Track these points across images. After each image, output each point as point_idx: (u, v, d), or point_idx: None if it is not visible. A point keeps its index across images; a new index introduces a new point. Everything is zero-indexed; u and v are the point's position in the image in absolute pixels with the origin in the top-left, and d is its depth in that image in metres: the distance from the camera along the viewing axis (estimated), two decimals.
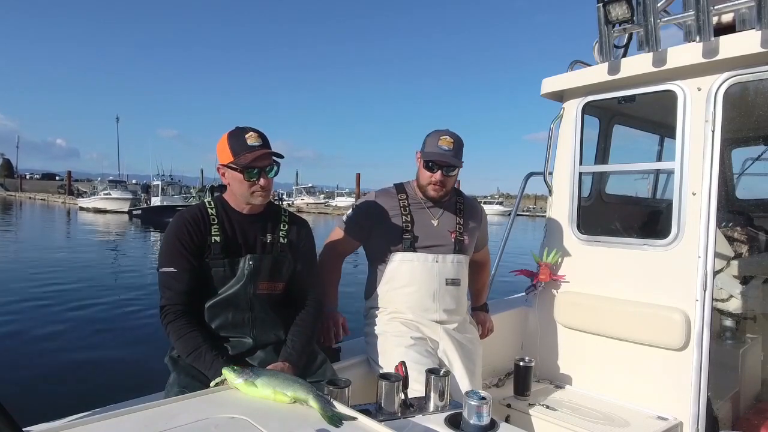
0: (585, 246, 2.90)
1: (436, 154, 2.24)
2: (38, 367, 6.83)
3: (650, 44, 2.44)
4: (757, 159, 3.96)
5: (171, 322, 1.80)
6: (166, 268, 1.84)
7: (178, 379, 1.78)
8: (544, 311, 3.05)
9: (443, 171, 2.26)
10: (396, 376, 1.70)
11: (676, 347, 2.46)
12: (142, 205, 43.61)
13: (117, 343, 8.10)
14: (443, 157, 2.23)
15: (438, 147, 2.24)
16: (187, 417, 1.30)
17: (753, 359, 3.34)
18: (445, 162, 2.25)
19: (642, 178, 3.68)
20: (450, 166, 2.26)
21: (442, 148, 2.23)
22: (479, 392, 1.59)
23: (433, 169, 2.27)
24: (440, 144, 2.24)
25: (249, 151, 1.83)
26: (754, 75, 2.28)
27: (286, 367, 1.82)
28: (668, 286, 2.52)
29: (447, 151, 2.23)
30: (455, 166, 2.27)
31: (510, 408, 2.68)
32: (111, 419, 1.27)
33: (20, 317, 9.37)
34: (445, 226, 2.37)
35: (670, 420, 2.47)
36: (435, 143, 2.25)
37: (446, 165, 2.25)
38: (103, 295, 11.41)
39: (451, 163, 2.25)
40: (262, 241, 1.96)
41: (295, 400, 1.41)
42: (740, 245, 3.29)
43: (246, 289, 1.89)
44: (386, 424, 1.34)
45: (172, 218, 1.96)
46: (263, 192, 1.90)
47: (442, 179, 2.27)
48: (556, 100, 3.10)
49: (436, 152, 2.24)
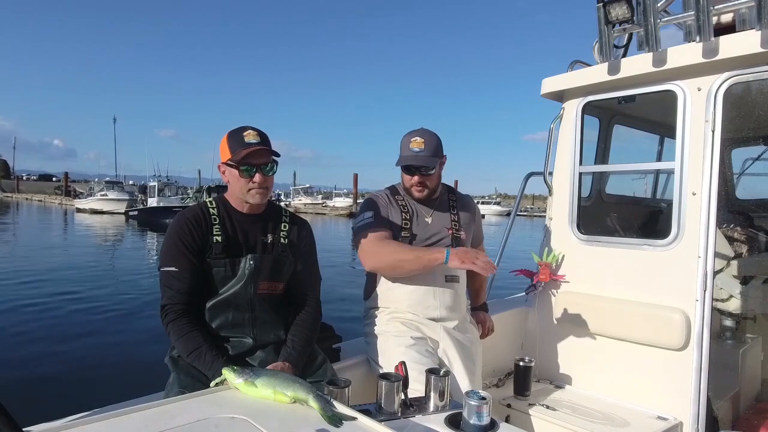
0: (585, 246, 2.90)
1: (409, 157, 2.26)
2: (38, 367, 6.81)
3: (650, 44, 2.44)
4: (757, 159, 3.96)
5: (172, 321, 1.80)
6: (168, 267, 1.84)
7: (178, 379, 1.77)
8: (544, 311, 3.04)
9: (420, 172, 2.28)
10: (396, 376, 1.69)
11: (676, 347, 2.46)
12: (138, 205, 43.46)
13: (117, 343, 8.08)
14: (416, 160, 2.25)
15: (410, 150, 2.26)
16: (187, 417, 1.29)
17: (753, 359, 3.34)
18: (418, 164, 2.26)
19: (640, 178, 3.68)
20: (426, 166, 2.27)
21: (413, 150, 2.26)
22: (479, 392, 1.59)
23: (410, 172, 2.29)
24: (411, 147, 2.26)
25: (245, 148, 1.84)
26: (754, 75, 2.28)
27: (287, 367, 1.82)
28: (668, 286, 2.52)
29: (419, 153, 2.25)
30: (429, 166, 2.27)
31: (510, 408, 2.67)
32: (111, 419, 1.26)
33: (20, 317, 9.34)
34: (439, 223, 2.37)
35: (670, 420, 2.47)
36: (407, 147, 2.27)
37: (422, 165, 2.27)
38: (103, 296, 11.38)
39: (424, 164, 2.25)
40: (263, 241, 1.96)
41: (295, 400, 1.40)
42: (740, 245, 3.29)
43: (246, 289, 1.89)
44: (386, 424, 1.34)
45: (174, 218, 1.97)
46: (260, 190, 1.89)
47: (421, 180, 2.29)
48: (556, 100, 3.10)
49: (408, 156, 2.26)
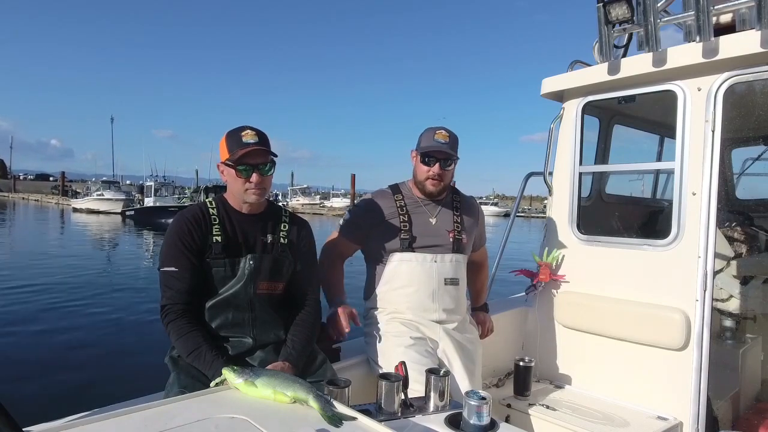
0: (585, 246, 2.90)
1: (434, 146, 2.28)
2: (38, 367, 6.81)
3: (650, 44, 2.44)
4: (757, 159, 3.97)
5: (172, 321, 1.79)
6: (168, 267, 1.83)
7: (178, 379, 1.77)
8: (544, 311, 3.04)
9: (441, 164, 2.29)
10: (396, 376, 1.69)
11: (676, 347, 2.46)
12: (135, 205, 43.39)
13: (117, 343, 8.08)
14: (441, 148, 2.27)
15: (435, 140, 2.28)
16: (187, 417, 1.29)
17: (753, 359, 3.34)
18: (442, 154, 2.28)
19: (638, 178, 3.68)
20: (447, 158, 2.29)
21: (439, 141, 2.28)
22: (479, 392, 1.59)
23: (430, 163, 2.29)
24: (437, 138, 2.28)
25: (243, 147, 1.84)
26: (754, 75, 2.28)
27: (286, 366, 1.82)
28: (668, 286, 2.52)
29: (444, 144, 2.27)
30: (452, 157, 2.30)
31: (510, 408, 2.67)
32: (111, 419, 1.26)
33: (20, 317, 9.33)
34: (443, 224, 2.37)
35: (670, 420, 2.47)
36: (431, 137, 2.29)
37: (444, 157, 2.28)
38: (102, 296, 11.38)
39: (449, 153, 2.28)
40: (263, 241, 1.96)
41: (295, 400, 1.40)
42: (740, 245, 3.29)
43: (246, 289, 1.88)
44: (386, 424, 1.34)
45: (174, 218, 1.97)
46: (257, 190, 1.89)
47: (440, 172, 2.30)
48: (556, 100, 3.10)
49: (433, 145, 2.28)
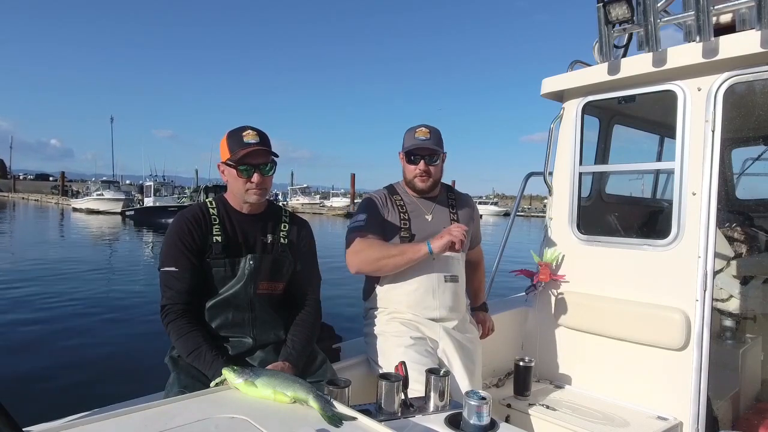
0: (585, 246, 2.90)
1: (416, 144, 2.31)
2: (38, 367, 6.80)
3: (650, 44, 2.44)
4: (757, 159, 3.97)
5: (172, 321, 1.80)
6: (168, 267, 1.83)
7: (178, 379, 1.77)
8: (544, 311, 3.04)
9: (426, 160, 2.32)
10: (396, 376, 1.69)
11: (676, 347, 2.46)
12: (135, 205, 43.38)
13: (117, 343, 8.06)
14: (423, 144, 2.30)
15: (416, 139, 2.32)
16: (187, 417, 1.29)
17: (753, 359, 3.34)
18: (426, 150, 2.31)
19: (638, 178, 3.67)
20: (430, 153, 2.32)
21: (420, 138, 2.32)
22: (479, 392, 1.59)
23: (416, 161, 2.33)
24: (417, 135, 2.32)
25: (244, 148, 1.84)
26: (754, 75, 2.28)
27: (286, 366, 1.82)
28: (668, 286, 2.52)
29: (425, 140, 2.31)
30: (436, 152, 2.33)
31: (510, 408, 2.67)
32: (111, 419, 1.26)
33: (19, 318, 9.32)
34: (439, 221, 2.38)
35: (670, 420, 2.47)
36: (413, 136, 2.33)
37: (428, 153, 2.32)
38: (102, 296, 11.37)
39: (431, 148, 2.31)
40: (263, 241, 1.96)
41: (295, 400, 1.40)
42: (740, 245, 3.29)
43: (246, 289, 1.88)
44: (386, 424, 1.34)
45: (174, 218, 1.97)
46: (258, 190, 1.89)
47: (426, 168, 2.33)
48: (556, 100, 3.10)
49: (415, 143, 2.32)
